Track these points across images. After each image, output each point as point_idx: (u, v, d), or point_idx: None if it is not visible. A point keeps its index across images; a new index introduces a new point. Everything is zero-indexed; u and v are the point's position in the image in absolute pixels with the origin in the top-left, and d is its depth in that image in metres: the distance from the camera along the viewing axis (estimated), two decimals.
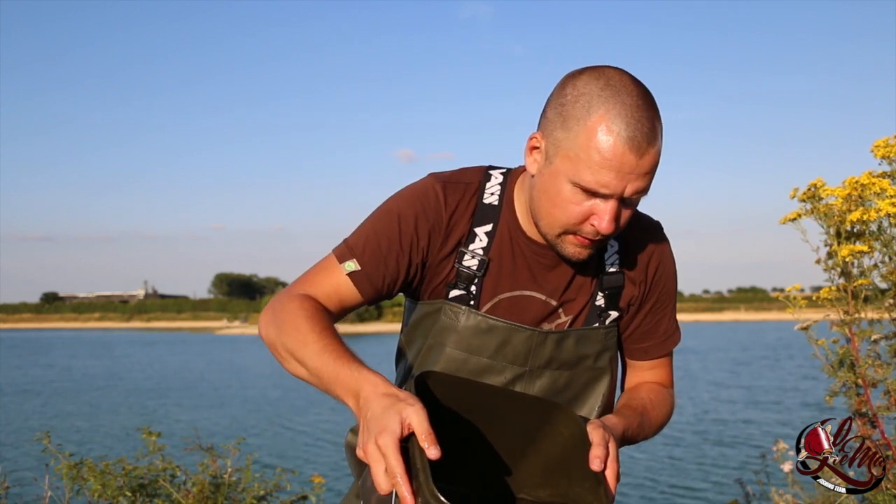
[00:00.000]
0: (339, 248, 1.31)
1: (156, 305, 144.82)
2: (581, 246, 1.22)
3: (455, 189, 1.31)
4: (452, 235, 1.30)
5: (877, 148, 2.15)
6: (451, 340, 1.31)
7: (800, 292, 2.28)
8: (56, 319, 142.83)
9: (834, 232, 2.20)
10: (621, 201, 1.17)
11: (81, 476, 3.23)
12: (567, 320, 1.34)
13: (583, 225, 1.19)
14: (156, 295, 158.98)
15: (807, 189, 2.24)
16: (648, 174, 1.15)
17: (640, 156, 1.12)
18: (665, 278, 1.39)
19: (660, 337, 1.42)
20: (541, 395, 1.33)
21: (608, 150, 1.11)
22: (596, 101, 1.13)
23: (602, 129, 1.12)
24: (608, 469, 1.08)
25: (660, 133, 1.15)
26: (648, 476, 10.33)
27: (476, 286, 1.30)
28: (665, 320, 1.42)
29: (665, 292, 1.40)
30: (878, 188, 2.09)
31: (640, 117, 1.12)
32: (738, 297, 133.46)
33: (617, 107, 1.12)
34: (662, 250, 1.38)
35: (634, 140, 1.11)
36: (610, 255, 1.34)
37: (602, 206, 1.16)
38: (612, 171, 1.12)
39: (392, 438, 0.95)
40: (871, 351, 2.17)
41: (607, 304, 1.35)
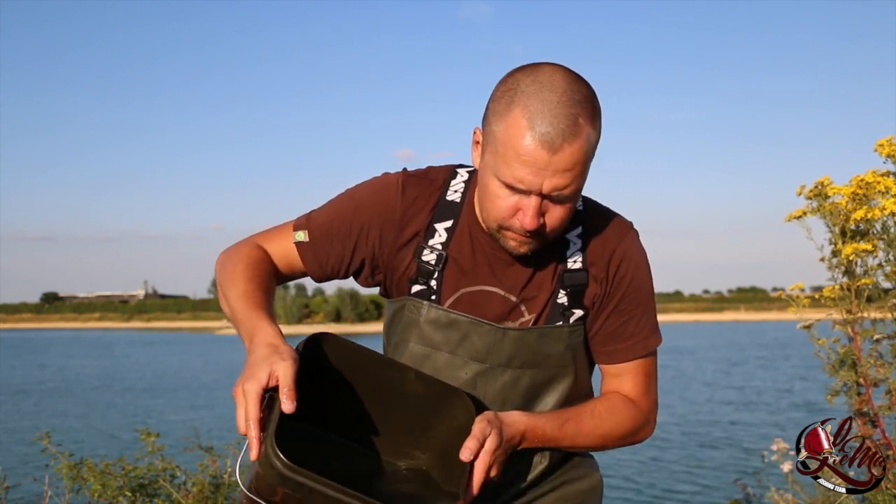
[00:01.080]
0: (301, 217, 1.38)
1: (156, 305, 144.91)
2: (518, 241, 1.22)
3: (418, 184, 1.34)
4: (408, 228, 1.32)
5: (881, 146, 2.15)
6: (414, 335, 1.33)
7: (801, 292, 2.27)
8: (56, 319, 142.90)
9: (839, 230, 2.20)
10: (547, 198, 1.16)
11: (81, 476, 3.23)
12: (530, 318, 1.32)
13: (511, 221, 1.19)
14: (156, 295, 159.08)
15: (813, 187, 2.24)
16: (567, 171, 1.13)
17: (553, 152, 1.11)
18: (631, 279, 1.33)
19: (624, 341, 1.35)
20: (503, 392, 1.32)
21: (521, 146, 1.12)
22: (518, 97, 1.14)
23: (518, 124, 1.12)
24: (478, 461, 1.13)
25: (584, 131, 1.12)
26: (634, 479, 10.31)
27: (436, 281, 1.31)
28: (631, 323, 1.34)
29: (631, 293, 1.33)
30: (882, 187, 2.09)
31: (557, 113, 1.11)
32: (738, 297, 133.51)
33: (535, 103, 1.12)
34: (628, 249, 1.33)
35: (547, 136, 1.10)
36: (572, 252, 1.31)
37: (525, 203, 1.16)
38: (525, 166, 1.12)
39: (256, 386, 1.04)
40: (873, 350, 2.16)
41: (570, 302, 1.31)
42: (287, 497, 1.04)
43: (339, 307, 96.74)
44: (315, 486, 1.02)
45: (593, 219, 1.34)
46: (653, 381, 1.40)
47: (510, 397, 1.32)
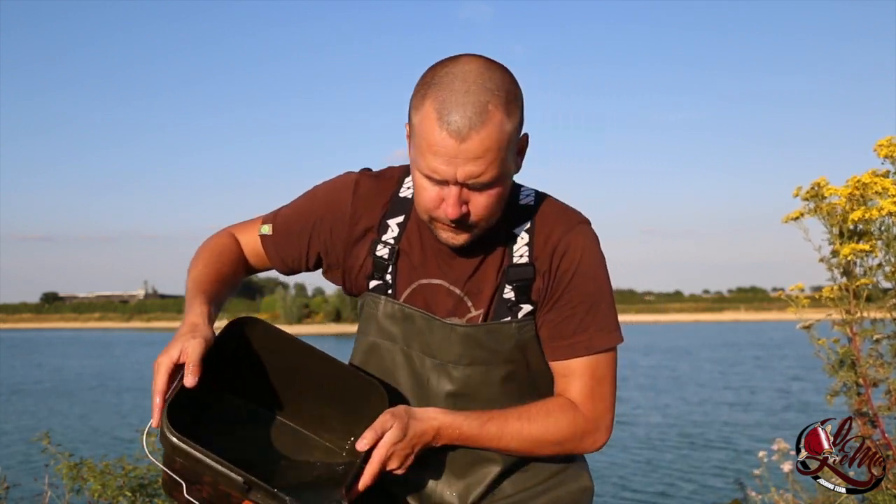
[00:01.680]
0: (271, 212, 1.46)
1: (156, 305, 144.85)
2: (451, 232, 1.23)
3: (372, 181, 1.38)
4: (359, 224, 1.35)
5: (880, 147, 2.15)
6: (373, 329, 1.35)
7: (801, 292, 2.27)
8: (56, 319, 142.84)
9: (836, 231, 2.20)
10: (466, 186, 1.17)
11: (81, 476, 3.23)
12: (478, 314, 1.31)
13: (437, 212, 1.20)
14: (156, 295, 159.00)
15: (810, 188, 2.24)
16: (479, 158, 1.13)
17: (461, 141, 1.12)
18: (574, 272, 1.29)
19: (566, 338, 1.30)
20: (457, 390, 1.31)
21: (432, 137, 1.14)
22: (431, 90, 1.16)
23: (430, 116, 1.14)
24: (374, 452, 1.16)
25: (495, 118, 1.13)
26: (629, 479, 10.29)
27: (391, 275, 1.33)
28: (574, 320, 1.29)
29: (574, 287, 1.29)
30: (880, 187, 2.09)
31: (465, 102, 1.12)
32: (738, 297, 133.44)
33: (444, 93, 1.14)
34: (572, 241, 1.30)
35: (455, 125, 1.12)
36: (519, 247, 1.30)
37: (445, 192, 1.18)
38: (437, 157, 1.14)
39: (167, 360, 1.14)
40: (872, 350, 2.17)
41: (517, 297, 1.30)
42: (184, 468, 1.11)
43: (339, 307, 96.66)
44: (201, 458, 1.08)
45: (543, 213, 1.33)
46: (603, 384, 1.31)
47: (464, 393, 1.31)
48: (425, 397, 1.32)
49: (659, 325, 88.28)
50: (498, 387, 1.32)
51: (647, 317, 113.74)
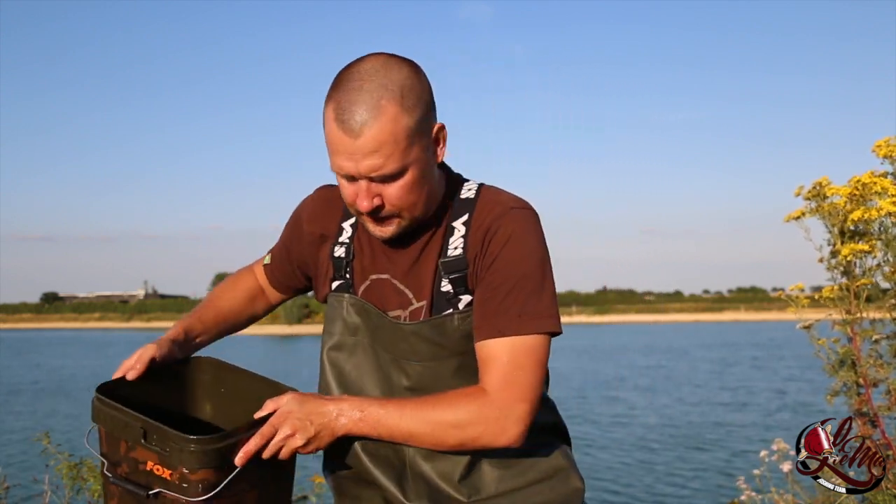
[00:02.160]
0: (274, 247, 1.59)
1: (156, 305, 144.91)
2: (374, 224, 1.29)
3: (328, 192, 1.48)
4: (319, 234, 1.45)
5: (878, 147, 2.16)
6: (338, 328, 1.40)
7: (801, 292, 2.28)
8: (56, 319, 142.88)
9: (837, 231, 2.20)
10: (373, 179, 1.23)
11: (81, 476, 3.23)
12: (420, 306, 1.33)
13: (356, 206, 1.27)
14: (156, 295, 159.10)
15: (812, 187, 2.25)
16: (375, 152, 1.19)
17: (355, 137, 1.19)
18: (499, 256, 1.28)
19: (485, 318, 1.27)
20: (413, 385, 1.32)
21: (332, 137, 1.22)
22: (332, 92, 1.24)
23: (329, 118, 1.23)
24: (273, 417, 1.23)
25: (388, 113, 1.19)
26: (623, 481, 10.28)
27: (349, 273, 1.40)
28: (494, 302, 1.27)
29: (498, 270, 1.27)
30: (879, 187, 2.09)
31: (358, 100, 1.19)
32: (738, 297, 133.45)
33: (341, 94, 1.21)
34: (502, 224, 1.29)
35: (347, 123, 1.19)
36: (455, 239, 1.32)
37: (357, 187, 1.25)
38: (339, 154, 1.22)
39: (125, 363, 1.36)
40: (872, 350, 2.17)
41: (455, 289, 1.31)
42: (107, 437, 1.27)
43: None
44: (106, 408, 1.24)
45: (481, 203, 1.34)
46: (521, 372, 1.25)
47: (420, 388, 1.32)
48: (390, 392, 1.34)
49: (659, 325, 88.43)
50: (451, 380, 1.31)
51: (647, 317, 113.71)
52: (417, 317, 1.33)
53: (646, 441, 13.28)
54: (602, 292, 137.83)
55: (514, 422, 1.24)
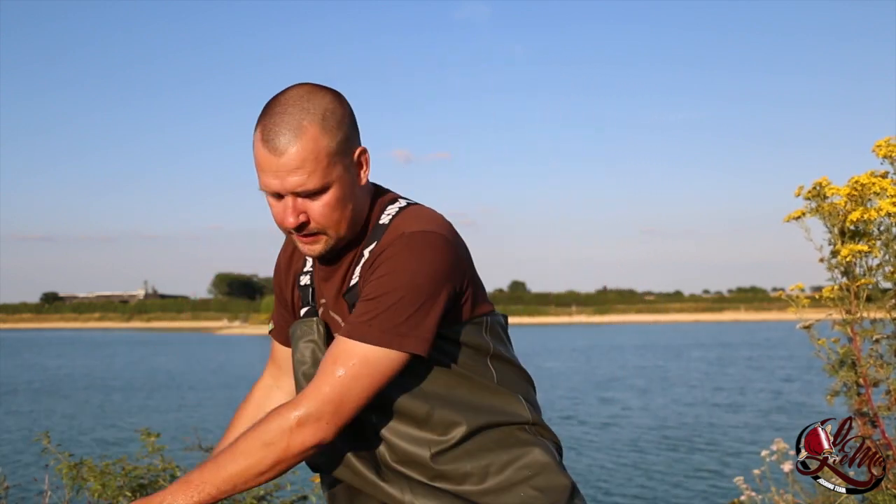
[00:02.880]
0: None
1: (156, 305, 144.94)
2: (305, 244, 1.35)
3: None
4: (292, 270, 1.53)
5: (878, 147, 2.16)
6: (309, 353, 1.42)
7: (801, 292, 2.27)
8: (56, 319, 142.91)
9: (837, 231, 2.20)
10: (298, 195, 1.30)
11: (81, 476, 3.23)
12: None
13: (284, 224, 1.33)
14: (156, 295, 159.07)
15: (812, 187, 2.25)
16: (298, 169, 1.27)
17: (279, 155, 1.27)
18: (376, 270, 1.29)
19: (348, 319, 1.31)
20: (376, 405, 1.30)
21: (259, 158, 1.30)
22: (259, 119, 1.32)
23: (256, 140, 1.31)
24: None
25: (309, 133, 1.27)
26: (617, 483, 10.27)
27: (313, 299, 1.47)
28: (358, 308, 1.28)
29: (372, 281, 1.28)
30: (878, 188, 2.09)
31: (281, 122, 1.28)
32: (738, 297, 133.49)
33: (264, 120, 1.31)
34: (392, 247, 1.29)
35: (272, 143, 1.28)
36: (359, 268, 1.36)
37: (284, 202, 1.31)
38: (265, 173, 1.30)
39: None
40: (872, 350, 2.17)
41: None
42: None
43: None
44: None
45: (388, 231, 1.34)
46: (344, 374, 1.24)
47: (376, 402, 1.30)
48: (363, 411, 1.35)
49: (659, 325, 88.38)
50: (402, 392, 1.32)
51: (647, 317, 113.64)
52: None
53: (639, 442, 13.28)
54: (602, 292, 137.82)
55: (312, 423, 1.23)
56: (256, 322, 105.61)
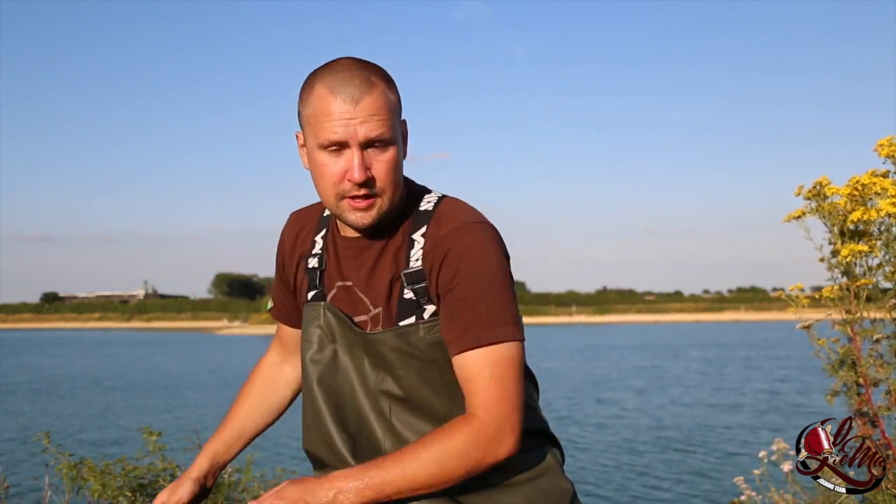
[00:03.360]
0: None
1: (156, 305, 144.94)
2: (358, 209, 1.32)
3: (301, 215, 1.55)
4: (297, 251, 1.51)
5: (881, 147, 2.15)
6: (315, 335, 1.42)
7: (801, 292, 2.27)
8: (56, 319, 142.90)
9: (837, 231, 2.20)
10: (365, 147, 1.29)
11: (81, 476, 3.23)
12: (377, 312, 1.37)
13: (343, 184, 1.30)
14: (156, 295, 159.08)
15: (812, 187, 2.24)
16: (373, 116, 1.28)
17: (355, 103, 1.28)
18: (455, 269, 1.30)
19: (457, 331, 1.29)
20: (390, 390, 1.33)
21: (329, 108, 1.29)
22: (315, 80, 1.33)
23: (322, 94, 1.30)
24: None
25: (379, 86, 1.30)
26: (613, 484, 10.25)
27: (320, 283, 1.45)
28: (462, 315, 1.29)
29: (459, 284, 1.29)
30: (879, 188, 2.09)
31: (350, 76, 1.29)
32: (738, 297, 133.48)
33: (330, 75, 1.31)
34: (458, 240, 1.31)
35: (347, 93, 1.28)
36: (416, 251, 1.35)
37: (348, 158, 1.29)
38: (332, 122, 1.28)
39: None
40: (872, 350, 2.17)
41: (419, 299, 1.34)
42: None
43: None
44: None
45: (438, 216, 1.37)
46: (503, 384, 1.27)
47: (398, 395, 1.34)
48: (371, 396, 1.36)
49: (659, 325, 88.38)
50: (426, 388, 1.34)
51: (647, 317, 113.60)
52: (377, 324, 1.37)
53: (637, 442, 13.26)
54: (602, 292, 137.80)
55: (508, 433, 1.26)
56: (256, 322, 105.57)
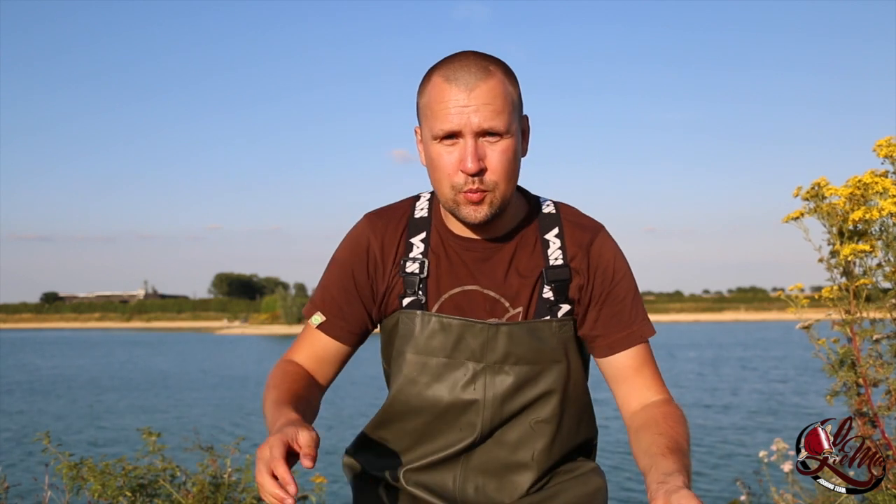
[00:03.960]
0: (307, 307, 1.46)
1: (156, 305, 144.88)
2: (472, 203, 1.27)
3: (383, 216, 1.44)
4: (389, 256, 1.40)
5: (879, 147, 2.15)
6: (410, 346, 1.37)
7: (801, 292, 2.27)
8: (56, 319, 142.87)
9: (836, 231, 2.20)
10: (481, 136, 1.25)
11: (81, 476, 3.23)
12: (517, 313, 1.36)
13: (457, 176, 1.26)
14: (156, 295, 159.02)
15: (810, 188, 2.24)
16: (488, 104, 1.23)
17: (469, 91, 1.23)
18: (614, 269, 1.39)
19: (623, 329, 1.38)
20: (501, 388, 1.34)
21: (443, 97, 1.25)
22: (433, 71, 1.29)
23: (437, 83, 1.27)
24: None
25: (497, 74, 1.26)
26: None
27: (422, 289, 1.37)
28: (626, 312, 1.38)
29: (619, 283, 1.39)
30: (880, 187, 2.09)
31: (467, 63, 1.26)
32: (738, 297, 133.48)
33: (447, 65, 1.27)
34: (604, 242, 1.41)
35: (462, 80, 1.24)
36: (553, 251, 1.37)
37: (462, 148, 1.25)
38: (450, 110, 1.24)
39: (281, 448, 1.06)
40: (872, 350, 2.16)
41: (556, 297, 1.36)
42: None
43: None
44: None
45: (567, 219, 1.42)
46: (658, 371, 1.41)
47: (508, 392, 1.34)
48: (469, 406, 1.35)
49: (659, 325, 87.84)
50: (539, 384, 1.36)
51: None
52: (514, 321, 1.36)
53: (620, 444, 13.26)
54: None
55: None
56: (256, 322, 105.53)
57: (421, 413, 1.37)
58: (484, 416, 1.35)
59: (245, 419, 17.19)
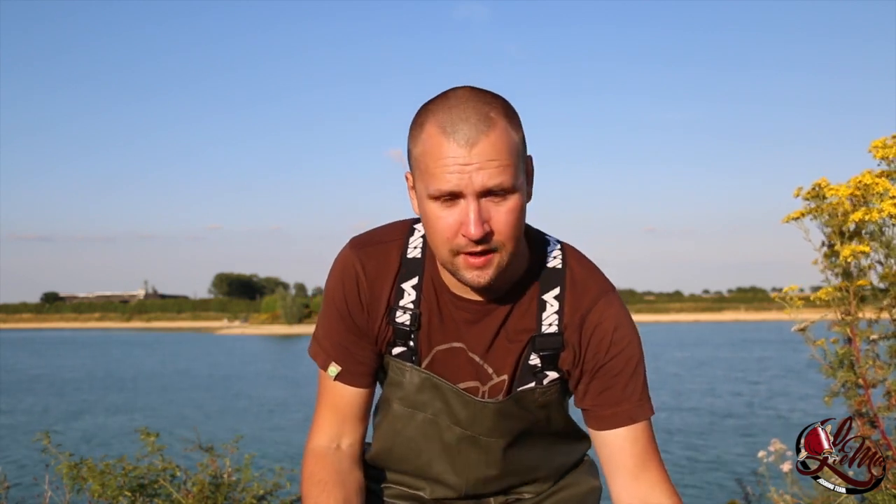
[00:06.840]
0: (319, 355, 1.35)
1: (156, 305, 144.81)
2: (474, 267, 1.15)
3: (374, 252, 1.31)
4: (380, 298, 1.30)
5: (875, 148, 2.15)
6: (397, 396, 1.34)
7: (799, 292, 2.27)
8: (56, 319, 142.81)
9: (836, 232, 2.20)
10: (483, 196, 1.12)
11: (81, 476, 3.23)
12: (501, 381, 1.29)
13: (458, 239, 1.13)
14: (156, 295, 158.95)
15: (811, 188, 2.24)
16: (491, 161, 1.09)
17: (471, 147, 1.09)
18: (608, 343, 1.26)
19: (611, 406, 1.28)
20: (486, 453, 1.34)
21: (441, 152, 1.10)
22: (428, 116, 1.13)
23: (433, 135, 1.11)
24: None
25: (499, 124, 1.11)
26: None
27: (413, 341, 1.29)
28: (617, 389, 1.27)
29: (614, 358, 1.26)
30: (881, 188, 2.08)
31: (466, 114, 1.10)
32: (738, 297, 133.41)
33: (444, 112, 1.11)
34: (603, 312, 1.27)
35: (461, 134, 1.09)
36: (549, 315, 1.26)
37: (463, 210, 1.12)
38: (448, 168, 1.10)
39: None
40: (870, 351, 2.17)
41: (544, 365, 1.27)
42: None
43: None
44: None
45: (572, 279, 1.29)
46: (656, 456, 1.30)
47: (493, 456, 1.34)
48: (454, 465, 1.35)
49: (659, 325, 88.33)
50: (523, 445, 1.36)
51: (647, 317, 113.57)
52: (497, 391, 1.29)
53: None
54: None
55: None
56: (257, 322, 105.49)
57: (406, 460, 1.38)
58: (469, 477, 1.35)
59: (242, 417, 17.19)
